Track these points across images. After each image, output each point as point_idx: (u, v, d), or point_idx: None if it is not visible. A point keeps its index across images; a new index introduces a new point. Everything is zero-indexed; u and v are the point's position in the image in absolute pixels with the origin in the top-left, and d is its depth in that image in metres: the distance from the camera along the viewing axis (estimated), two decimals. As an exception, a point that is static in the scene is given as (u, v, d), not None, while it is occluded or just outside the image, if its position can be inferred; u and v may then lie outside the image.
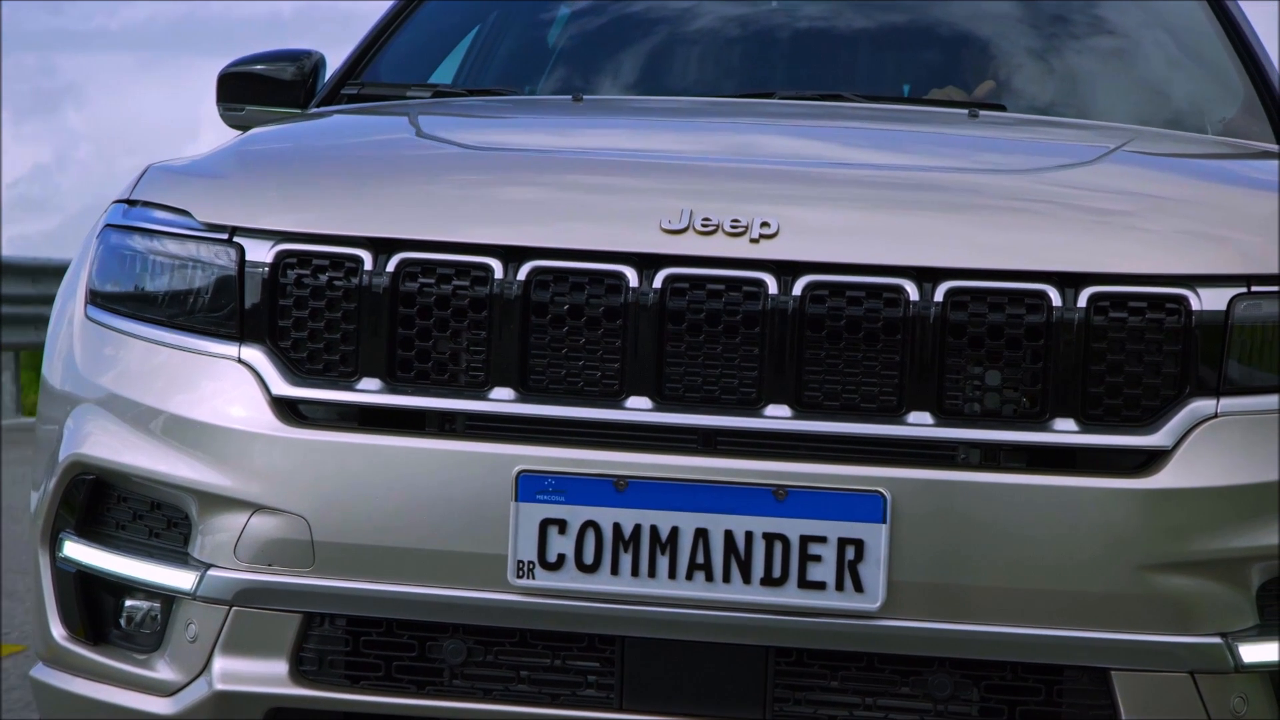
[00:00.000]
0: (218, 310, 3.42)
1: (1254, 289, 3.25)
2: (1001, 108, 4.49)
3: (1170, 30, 5.06)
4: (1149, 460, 3.19)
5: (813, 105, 4.39)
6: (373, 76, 4.86)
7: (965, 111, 4.29)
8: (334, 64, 4.99)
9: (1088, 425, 3.20)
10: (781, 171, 3.54)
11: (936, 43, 5.02)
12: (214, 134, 5.00)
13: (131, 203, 3.65)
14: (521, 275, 3.27)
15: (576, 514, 3.19)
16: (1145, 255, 3.25)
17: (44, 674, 3.61)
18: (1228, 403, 3.22)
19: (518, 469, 3.20)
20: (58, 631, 3.56)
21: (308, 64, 4.89)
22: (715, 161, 3.60)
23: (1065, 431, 3.20)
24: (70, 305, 3.70)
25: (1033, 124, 4.38)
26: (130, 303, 3.54)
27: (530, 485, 3.19)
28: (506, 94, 4.74)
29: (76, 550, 3.51)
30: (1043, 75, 4.87)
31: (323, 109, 4.62)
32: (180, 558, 3.40)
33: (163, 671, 3.42)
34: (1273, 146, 4.44)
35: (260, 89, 4.88)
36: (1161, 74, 4.95)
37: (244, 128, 4.90)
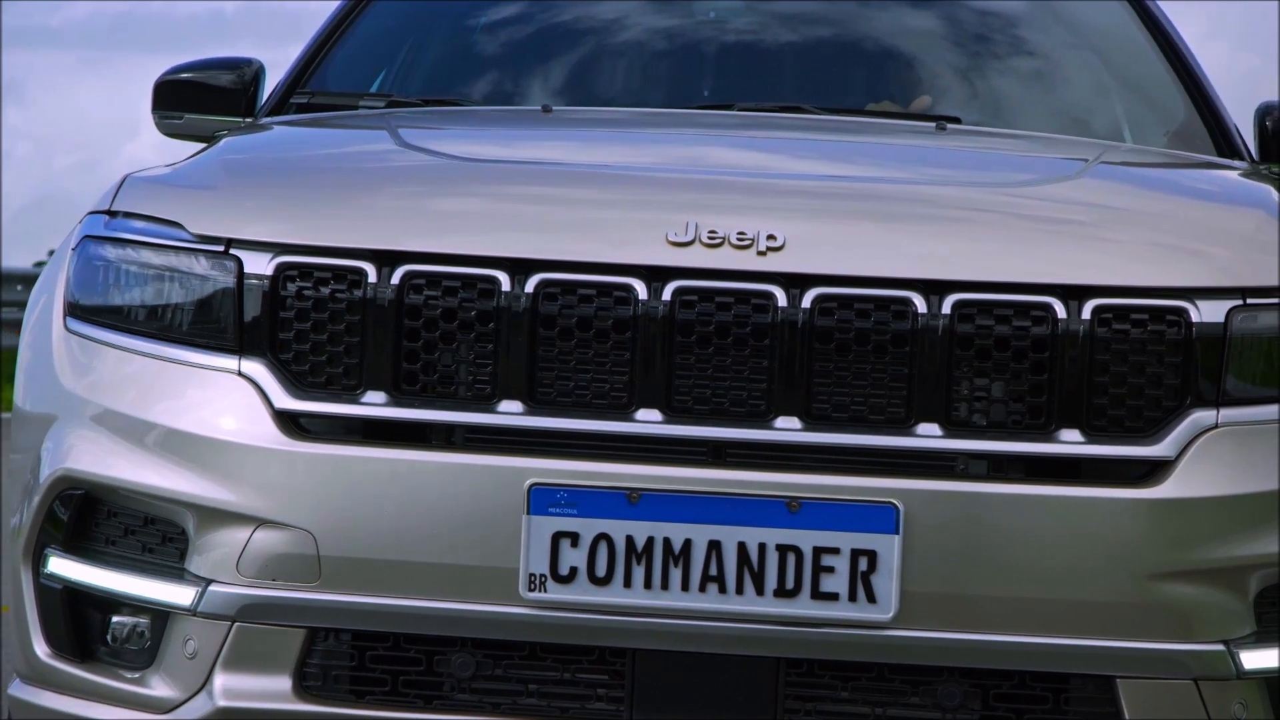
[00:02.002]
0: (214, 323, 3.38)
1: (1249, 301, 3.31)
2: (957, 120, 4.54)
3: (1109, 49, 5.12)
4: (1152, 470, 3.24)
5: (779, 117, 4.40)
6: (320, 84, 4.81)
7: (932, 125, 4.33)
8: (272, 68, 4.94)
9: (1092, 436, 3.24)
10: (783, 185, 3.55)
11: (885, 56, 5.06)
12: (153, 134, 4.92)
13: (112, 214, 3.58)
14: (529, 288, 3.26)
15: (589, 527, 3.18)
16: (1146, 268, 3.30)
17: (24, 692, 3.54)
18: (1228, 413, 3.27)
19: (530, 482, 3.18)
20: (41, 649, 3.49)
21: (248, 72, 4.82)
22: (716, 174, 3.61)
23: (1070, 442, 3.24)
24: (43, 321, 3.63)
25: (1000, 137, 4.42)
26: (115, 315, 3.48)
27: (542, 498, 3.18)
28: (466, 104, 4.71)
29: (63, 566, 3.45)
30: (985, 90, 4.92)
31: (279, 118, 4.57)
32: (176, 573, 3.36)
33: (158, 688, 3.37)
34: (1220, 159, 4.53)
35: (200, 97, 4.80)
36: (1103, 91, 5.01)
37: (182, 136, 4.84)
